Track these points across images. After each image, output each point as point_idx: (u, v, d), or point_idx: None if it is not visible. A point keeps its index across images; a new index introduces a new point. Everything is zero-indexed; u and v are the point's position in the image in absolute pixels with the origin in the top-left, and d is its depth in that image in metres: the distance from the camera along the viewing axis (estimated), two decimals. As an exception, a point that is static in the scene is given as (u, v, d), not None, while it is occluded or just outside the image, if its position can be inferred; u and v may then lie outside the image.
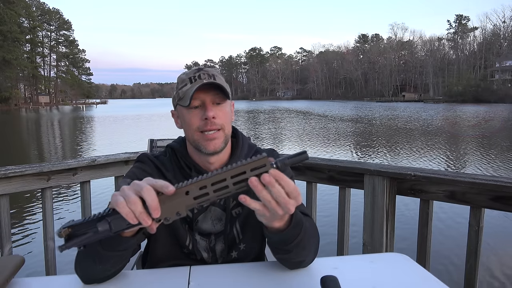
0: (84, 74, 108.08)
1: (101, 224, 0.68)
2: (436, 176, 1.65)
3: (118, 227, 0.69)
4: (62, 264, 2.07)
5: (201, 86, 0.98)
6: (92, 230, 0.68)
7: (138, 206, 0.68)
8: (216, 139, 1.01)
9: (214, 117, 1.00)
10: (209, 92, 1.00)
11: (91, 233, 0.68)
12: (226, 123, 1.03)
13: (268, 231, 0.85)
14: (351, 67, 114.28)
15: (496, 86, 74.20)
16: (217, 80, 1.02)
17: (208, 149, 1.02)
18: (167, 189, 0.68)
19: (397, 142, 14.85)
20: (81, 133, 21.22)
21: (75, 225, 0.68)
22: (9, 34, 67.95)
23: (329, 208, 2.49)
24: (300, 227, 0.87)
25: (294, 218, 0.84)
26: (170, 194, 0.68)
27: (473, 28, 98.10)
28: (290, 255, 0.91)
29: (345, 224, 2.00)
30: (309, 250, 0.96)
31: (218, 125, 1.01)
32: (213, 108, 1.01)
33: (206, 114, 0.99)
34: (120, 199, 0.68)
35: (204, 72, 1.03)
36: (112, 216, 0.68)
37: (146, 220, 0.68)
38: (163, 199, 0.69)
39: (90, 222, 0.68)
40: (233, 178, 0.68)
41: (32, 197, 6.16)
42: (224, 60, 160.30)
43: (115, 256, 0.85)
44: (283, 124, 24.34)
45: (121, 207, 0.67)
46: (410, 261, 1.08)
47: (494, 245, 4.18)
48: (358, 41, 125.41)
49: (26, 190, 1.87)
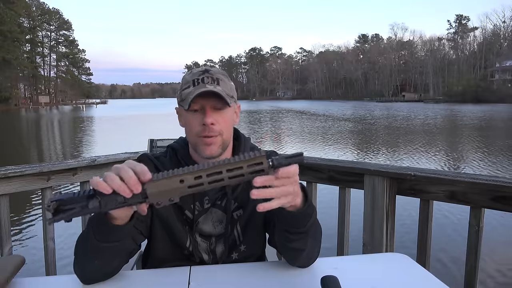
0: (84, 74, 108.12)
1: (92, 201, 0.70)
2: (436, 176, 1.65)
3: (108, 206, 0.71)
4: (62, 264, 2.07)
5: (201, 94, 0.98)
6: (80, 205, 0.70)
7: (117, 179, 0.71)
8: (213, 144, 1.01)
9: (213, 123, 0.99)
10: (210, 97, 0.99)
11: (79, 208, 0.70)
12: (226, 128, 1.02)
13: (286, 210, 0.86)
14: (351, 67, 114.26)
15: (496, 86, 74.20)
16: (220, 85, 1.00)
17: (205, 154, 1.02)
18: (144, 177, 0.71)
19: (397, 142, 14.85)
20: (81, 133, 21.22)
21: (64, 199, 0.70)
22: (9, 34, 67.87)
23: (329, 208, 2.49)
24: (312, 208, 0.91)
25: (309, 196, 0.89)
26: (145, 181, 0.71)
27: (473, 28, 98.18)
28: (302, 242, 0.93)
29: (345, 224, 2.00)
30: (315, 244, 0.98)
31: (216, 131, 1.00)
32: (212, 114, 0.99)
33: (205, 120, 0.98)
34: (101, 179, 0.71)
35: (208, 76, 1.01)
36: (101, 196, 0.70)
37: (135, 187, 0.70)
38: (158, 185, 0.70)
39: (79, 198, 0.70)
40: (229, 172, 0.69)
41: (32, 197, 6.16)
42: (224, 60, 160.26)
43: (109, 248, 0.86)
44: (283, 124, 24.34)
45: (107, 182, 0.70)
46: (410, 261, 1.08)
47: (494, 245, 4.18)
48: (358, 41, 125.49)
49: (26, 190, 1.87)
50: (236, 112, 1.09)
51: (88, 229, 0.86)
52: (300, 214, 0.87)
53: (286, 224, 0.91)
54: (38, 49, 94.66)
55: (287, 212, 0.86)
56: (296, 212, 0.86)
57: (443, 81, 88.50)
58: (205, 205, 1.08)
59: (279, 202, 0.76)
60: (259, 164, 0.70)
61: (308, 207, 0.88)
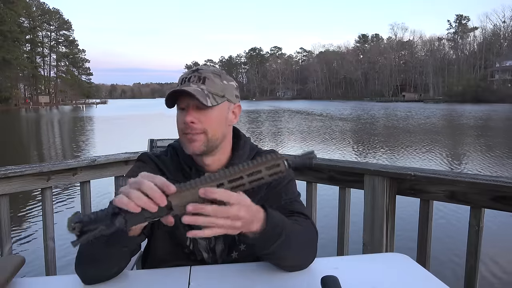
0: (84, 74, 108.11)
1: (117, 219, 0.69)
2: (436, 176, 1.65)
3: (134, 222, 0.70)
4: (62, 264, 2.07)
5: (171, 92, 0.98)
6: (104, 224, 0.68)
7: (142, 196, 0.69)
8: (195, 141, 1.00)
9: (193, 122, 0.99)
10: (189, 96, 0.98)
11: (104, 227, 0.68)
12: (211, 127, 1.00)
13: (247, 237, 0.85)
14: (351, 67, 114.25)
15: (496, 86, 74.19)
16: (206, 84, 1.00)
17: (188, 150, 1.03)
18: (168, 189, 0.70)
19: (397, 142, 14.85)
20: (81, 133, 21.22)
21: (88, 221, 0.69)
22: (9, 34, 67.84)
23: (329, 208, 2.49)
24: (280, 227, 0.87)
25: (270, 219, 0.84)
26: (169, 194, 0.70)
27: (473, 28, 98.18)
28: (276, 259, 0.92)
29: (345, 224, 2.00)
30: (301, 252, 0.96)
31: (198, 129, 0.99)
32: (193, 113, 0.99)
33: (185, 118, 0.99)
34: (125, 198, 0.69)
35: (196, 75, 1.01)
36: (126, 212, 0.69)
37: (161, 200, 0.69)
38: (182, 196, 0.71)
39: (103, 217, 0.69)
40: (249, 177, 0.71)
41: (32, 197, 6.16)
42: (224, 60, 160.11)
43: (118, 253, 0.86)
44: (283, 124, 24.34)
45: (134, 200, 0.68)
46: (410, 261, 1.08)
47: (494, 245, 4.18)
48: (358, 41, 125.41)
49: (26, 190, 1.87)
50: (234, 112, 1.08)
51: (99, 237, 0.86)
52: (259, 239, 0.85)
53: (253, 246, 0.89)
54: (38, 49, 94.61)
55: (247, 238, 0.85)
56: (257, 238, 0.84)
57: (443, 81, 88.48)
58: None
59: (212, 231, 0.74)
60: (277, 166, 0.72)
61: (271, 228, 0.84)
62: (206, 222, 0.73)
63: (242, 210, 0.75)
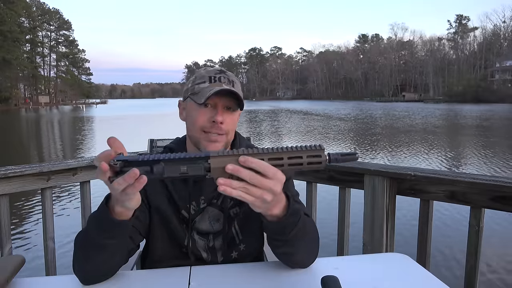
0: (84, 74, 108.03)
1: (156, 166, 0.69)
2: (436, 176, 1.65)
3: (171, 173, 0.70)
4: (62, 264, 2.07)
5: (221, 91, 0.99)
6: (144, 169, 0.68)
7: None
8: (217, 142, 1.02)
9: (222, 123, 1.00)
10: (225, 97, 1.01)
11: (143, 171, 0.68)
12: (231, 130, 1.05)
13: (266, 220, 0.85)
14: (351, 67, 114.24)
15: (496, 86, 74.18)
16: (235, 88, 1.02)
17: (204, 149, 1.03)
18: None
19: (397, 142, 14.85)
20: (81, 133, 21.22)
21: (130, 161, 0.69)
22: (9, 34, 67.79)
23: (329, 208, 2.49)
24: (298, 216, 0.88)
25: (291, 206, 0.85)
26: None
27: (473, 28, 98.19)
28: (289, 247, 0.92)
29: (345, 224, 2.00)
30: (309, 247, 0.96)
31: (223, 130, 1.02)
32: (223, 114, 1.01)
33: (216, 117, 1.00)
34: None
35: (225, 76, 1.04)
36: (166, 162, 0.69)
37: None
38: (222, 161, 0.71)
39: (144, 162, 0.69)
40: (290, 159, 0.72)
41: (32, 197, 6.16)
42: (224, 60, 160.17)
43: (110, 245, 0.85)
44: (283, 124, 24.34)
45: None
46: (410, 261, 1.08)
47: (494, 245, 4.18)
48: (358, 41, 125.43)
49: (26, 190, 1.87)
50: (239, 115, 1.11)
51: (90, 226, 0.87)
52: (280, 224, 0.85)
53: (269, 231, 0.91)
54: (38, 49, 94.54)
55: (266, 221, 0.86)
56: (275, 222, 0.85)
57: (443, 81, 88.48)
58: (201, 204, 1.09)
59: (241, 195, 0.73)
60: (318, 157, 0.72)
61: (291, 215, 0.85)
62: (240, 187, 0.72)
63: (276, 185, 0.75)
